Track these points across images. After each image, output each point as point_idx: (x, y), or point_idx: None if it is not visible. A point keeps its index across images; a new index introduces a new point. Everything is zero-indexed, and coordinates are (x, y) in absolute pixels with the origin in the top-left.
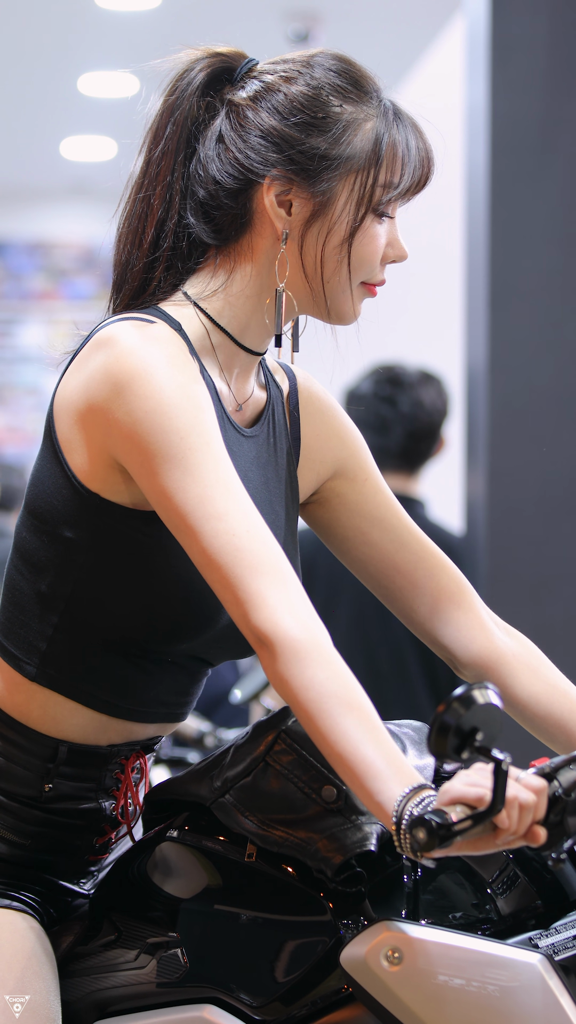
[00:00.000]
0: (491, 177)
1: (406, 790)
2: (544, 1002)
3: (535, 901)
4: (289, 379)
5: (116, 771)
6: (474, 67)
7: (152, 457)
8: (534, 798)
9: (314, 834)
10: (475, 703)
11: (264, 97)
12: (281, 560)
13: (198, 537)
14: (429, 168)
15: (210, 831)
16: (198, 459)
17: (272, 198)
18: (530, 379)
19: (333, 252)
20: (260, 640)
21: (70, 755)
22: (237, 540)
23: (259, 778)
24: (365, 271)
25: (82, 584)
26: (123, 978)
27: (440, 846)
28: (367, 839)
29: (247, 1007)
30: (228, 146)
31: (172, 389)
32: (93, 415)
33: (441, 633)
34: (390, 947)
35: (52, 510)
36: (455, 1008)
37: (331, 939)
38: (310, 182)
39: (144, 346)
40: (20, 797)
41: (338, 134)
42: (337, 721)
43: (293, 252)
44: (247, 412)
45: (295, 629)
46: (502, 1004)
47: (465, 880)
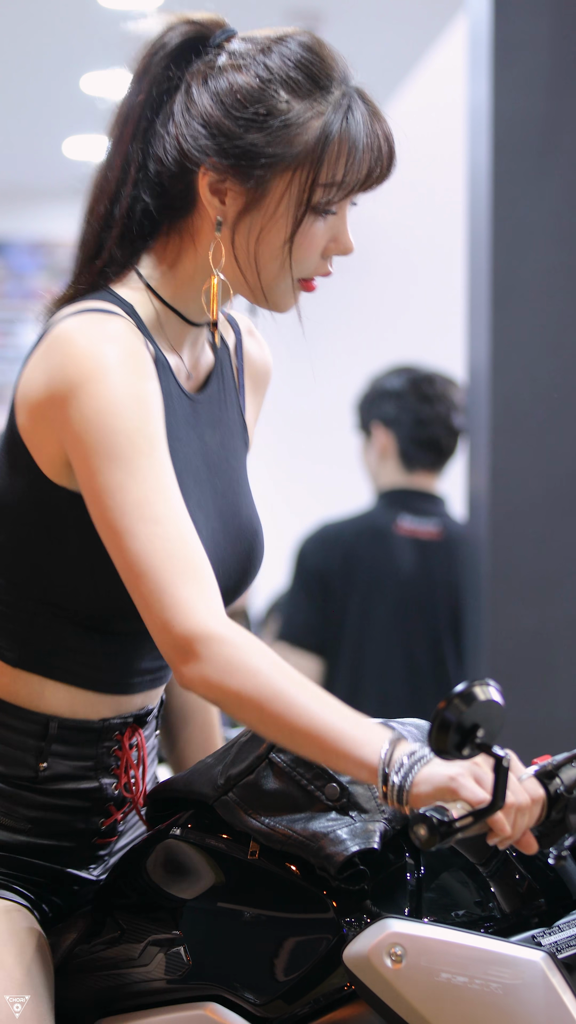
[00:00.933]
0: (493, 177)
1: (386, 744)
2: (547, 1000)
3: (538, 899)
4: (234, 332)
5: (114, 748)
6: (476, 66)
7: (96, 455)
8: (528, 802)
9: (317, 832)
10: (476, 699)
11: (213, 78)
12: (205, 567)
13: (131, 539)
14: (387, 163)
15: (213, 829)
16: (142, 463)
17: (206, 185)
18: (532, 378)
19: (267, 249)
20: (187, 644)
21: (61, 731)
22: (170, 545)
23: (262, 776)
24: (300, 268)
25: (50, 572)
26: (126, 976)
27: (441, 842)
28: (371, 837)
29: (250, 1005)
30: (175, 127)
31: (122, 391)
32: (49, 410)
33: None
34: (393, 945)
35: (15, 500)
36: (458, 1006)
37: (334, 937)
38: (243, 176)
39: (99, 346)
40: (15, 780)
41: (277, 131)
42: (295, 699)
43: (227, 240)
44: (199, 375)
45: (223, 627)
46: (505, 1002)
47: (468, 878)
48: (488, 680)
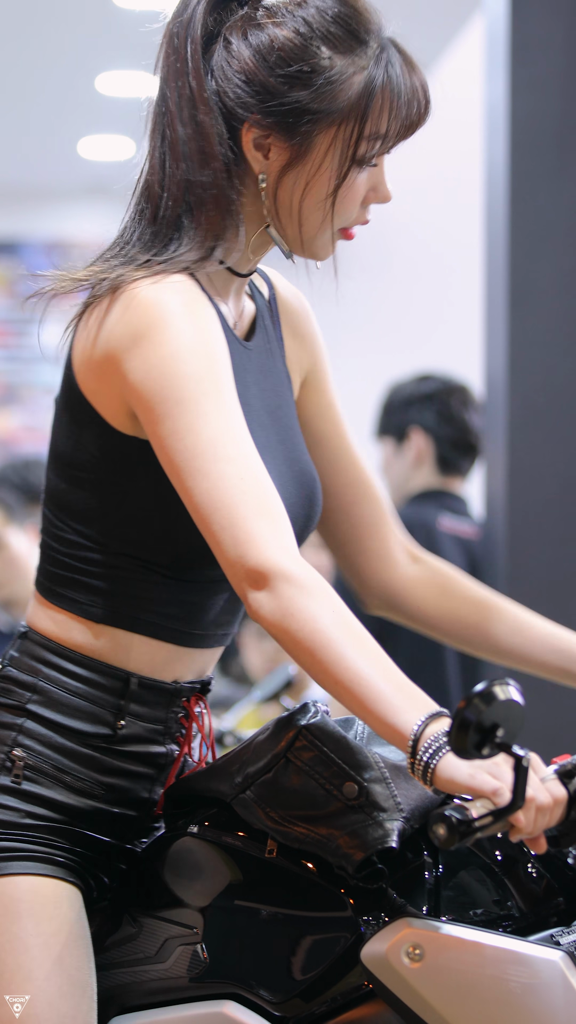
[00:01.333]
0: (510, 176)
1: (423, 716)
2: (566, 999)
3: (556, 898)
4: (268, 285)
5: (180, 715)
6: (493, 66)
7: (164, 401)
8: (550, 802)
9: (335, 830)
10: (496, 699)
11: (253, 33)
12: (280, 507)
13: (203, 478)
14: (424, 110)
15: (230, 827)
16: (211, 405)
17: (250, 140)
18: (550, 379)
19: (310, 202)
20: (257, 578)
21: (140, 688)
22: (244, 484)
23: (280, 774)
24: (342, 218)
25: (128, 522)
26: (144, 973)
27: (461, 841)
28: (388, 836)
29: (267, 1003)
30: (217, 81)
31: (188, 337)
32: (112, 364)
33: (353, 560)
34: (411, 944)
35: (88, 457)
36: (476, 1005)
37: (352, 935)
38: (288, 133)
39: (161, 295)
40: (93, 741)
41: (322, 87)
42: (345, 651)
43: (270, 194)
44: (244, 324)
45: (296, 566)
46: (523, 1001)
47: (486, 877)
48: (508, 679)
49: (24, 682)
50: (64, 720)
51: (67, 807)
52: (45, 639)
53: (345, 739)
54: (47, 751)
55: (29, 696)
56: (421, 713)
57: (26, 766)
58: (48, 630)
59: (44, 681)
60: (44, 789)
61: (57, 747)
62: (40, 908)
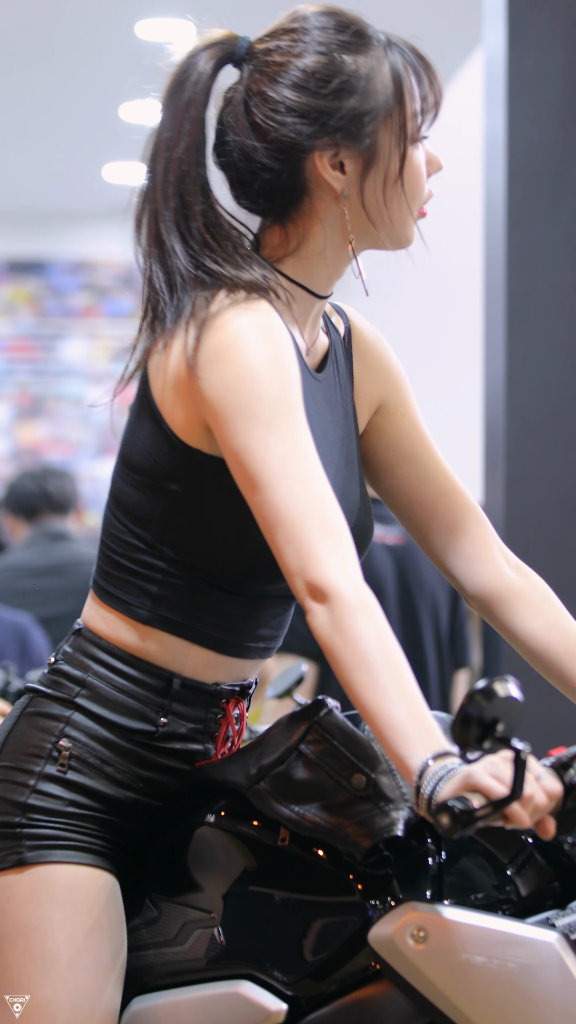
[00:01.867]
0: (508, 202)
1: (431, 754)
2: (562, 979)
3: (552, 882)
4: (343, 320)
5: (219, 715)
6: (492, 98)
7: (239, 418)
8: (545, 800)
9: (344, 820)
10: (496, 696)
11: (282, 75)
12: (344, 526)
13: (272, 492)
14: (438, 81)
15: (246, 816)
16: (284, 424)
17: (325, 164)
18: (545, 392)
19: (392, 191)
20: (316, 593)
21: (182, 689)
22: (311, 502)
23: (292, 766)
24: (419, 195)
25: (186, 531)
26: (163, 955)
27: (463, 830)
28: (394, 825)
29: (280, 983)
30: (267, 133)
31: (264, 359)
32: (189, 381)
33: (452, 564)
34: (416, 926)
35: (155, 466)
36: (477, 984)
37: (360, 919)
38: (356, 141)
39: (237, 315)
40: (136, 737)
41: (365, 88)
42: (378, 677)
43: (355, 204)
44: (316, 355)
45: (350, 587)
46: (521, 981)
47: (486, 863)
48: (507, 677)
49: (74, 677)
50: (109, 715)
51: (107, 797)
52: (96, 637)
53: (354, 734)
54: (92, 743)
55: (78, 690)
56: (430, 750)
57: (71, 756)
58: (99, 628)
59: (93, 677)
60: (87, 779)
61: (101, 740)
62: (77, 896)
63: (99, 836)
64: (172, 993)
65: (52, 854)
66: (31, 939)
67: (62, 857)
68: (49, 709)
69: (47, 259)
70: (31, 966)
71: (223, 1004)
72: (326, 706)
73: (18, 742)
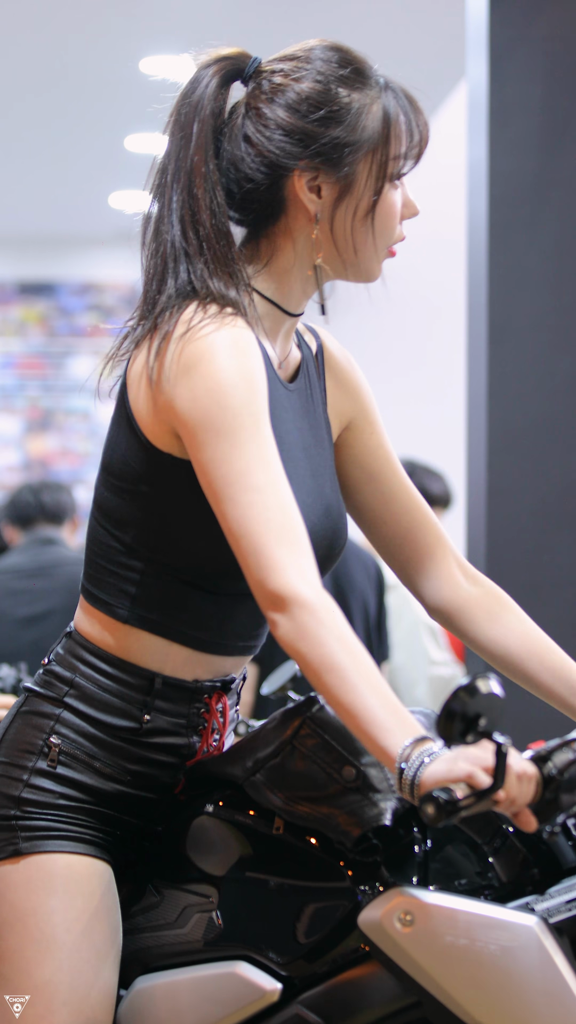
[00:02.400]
0: (490, 226)
1: (409, 740)
2: (540, 960)
3: (532, 869)
4: (315, 339)
5: (202, 710)
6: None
7: (206, 430)
8: (528, 788)
9: (335, 810)
10: (479, 692)
11: (279, 97)
12: (304, 535)
13: (234, 505)
14: (426, 130)
15: (242, 807)
16: (246, 436)
17: (303, 185)
18: (525, 406)
19: (360, 224)
20: (276, 601)
21: (164, 687)
22: (268, 513)
23: (286, 759)
24: (388, 235)
25: (161, 532)
26: (165, 937)
27: (447, 819)
28: (383, 814)
29: (275, 964)
30: (256, 145)
31: (231, 371)
32: (160, 388)
33: (414, 579)
34: (403, 911)
35: (129, 470)
36: (461, 965)
37: (350, 903)
38: (335, 168)
39: (209, 328)
40: (122, 733)
41: (352, 121)
42: (347, 675)
43: (325, 230)
44: (288, 368)
45: (310, 593)
46: (502, 962)
47: (469, 851)
48: (489, 674)
49: (64, 677)
50: (96, 714)
51: (96, 790)
52: (84, 639)
53: (344, 728)
54: (80, 739)
55: (67, 690)
56: (408, 736)
57: (61, 752)
58: (86, 631)
59: (80, 678)
60: (76, 773)
61: (89, 736)
62: (73, 884)
63: (91, 826)
64: (173, 973)
65: (46, 844)
66: (28, 924)
67: (56, 847)
68: (41, 708)
69: (56, 281)
70: (29, 949)
71: (221, 983)
72: (318, 702)
73: (13, 739)
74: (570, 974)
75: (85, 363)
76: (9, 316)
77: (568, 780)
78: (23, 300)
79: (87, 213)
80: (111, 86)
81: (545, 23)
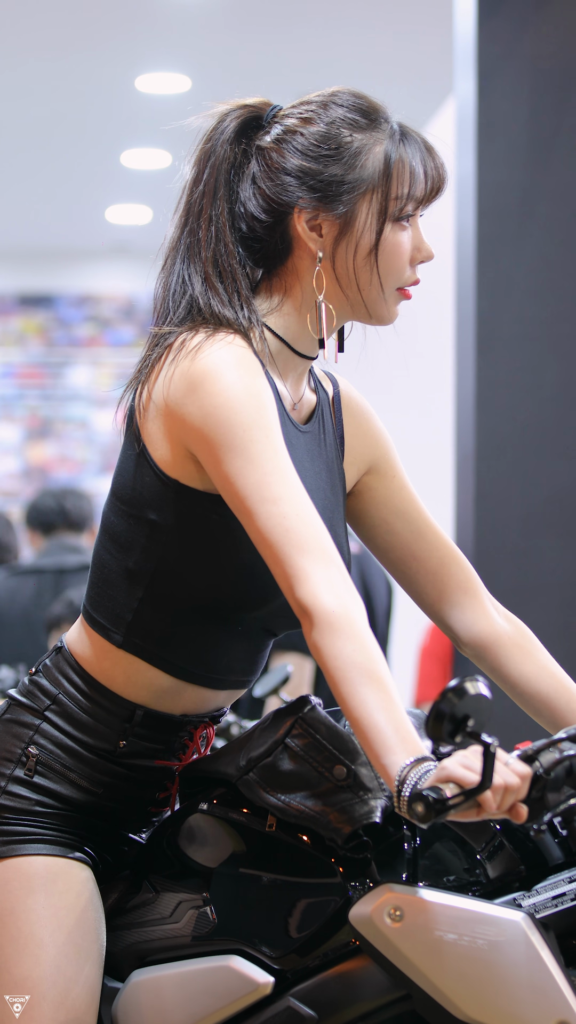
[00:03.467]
0: (478, 239)
1: (409, 760)
2: (527, 954)
3: (519, 866)
4: (333, 385)
5: (185, 737)
6: (463, 142)
7: (219, 447)
8: (518, 782)
9: (327, 808)
10: (467, 693)
11: (287, 139)
12: (326, 541)
13: (254, 518)
14: (439, 177)
15: (236, 805)
16: (258, 449)
17: (303, 224)
18: (513, 415)
19: (363, 263)
20: (302, 611)
21: (145, 719)
22: (287, 522)
23: (279, 758)
24: (395, 276)
25: (164, 560)
26: (160, 932)
27: (436, 817)
28: (373, 812)
29: (267, 958)
30: (260, 186)
31: (239, 387)
32: (170, 411)
33: (447, 615)
34: (392, 906)
35: (137, 496)
36: (449, 959)
37: (341, 899)
38: (332, 205)
39: (215, 348)
40: (98, 750)
41: (351, 160)
42: (357, 689)
43: (327, 269)
44: (302, 411)
45: (332, 604)
46: (490, 956)
47: (458, 848)
48: (478, 676)
49: (47, 691)
50: (73, 731)
51: (71, 800)
52: (72, 659)
53: (336, 728)
54: (57, 751)
55: (48, 704)
56: (409, 756)
57: (38, 762)
58: (76, 650)
59: (63, 695)
60: (51, 783)
61: (66, 749)
62: (51, 883)
63: (68, 831)
64: (168, 967)
65: (24, 848)
66: (7, 923)
67: (34, 850)
68: (22, 717)
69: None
70: (8, 947)
71: (215, 977)
72: (310, 703)
73: None
74: (556, 968)
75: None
76: (9, 327)
77: (554, 779)
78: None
79: (85, 227)
80: (108, 103)
81: (532, 40)
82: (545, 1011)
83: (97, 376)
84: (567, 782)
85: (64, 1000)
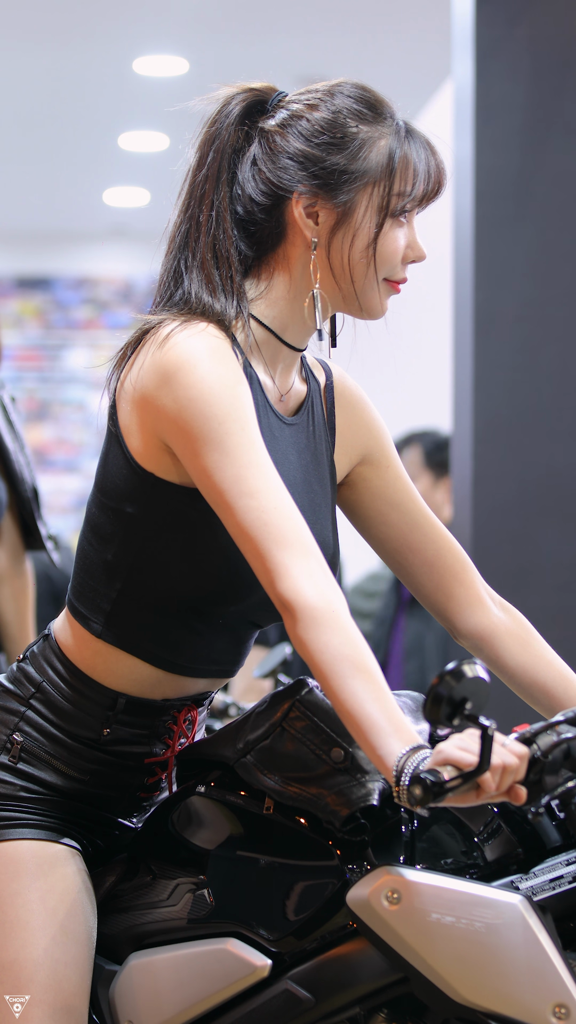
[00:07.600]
0: (476, 221)
1: (406, 748)
2: (524, 937)
3: (516, 849)
4: (326, 374)
5: (169, 721)
6: (461, 125)
7: (194, 440)
8: (516, 762)
9: (324, 790)
10: (465, 676)
11: (291, 124)
12: (305, 535)
13: (232, 512)
14: (440, 178)
15: (233, 787)
16: (234, 442)
17: (300, 210)
18: (509, 396)
19: (358, 255)
20: (283, 606)
21: (127, 706)
22: (266, 516)
23: (276, 741)
24: (387, 269)
25: (142, 553)
26: (157, 915)
27: (434, 800)
28: (370, 794)
29: (265, 940)
30: (261, 168)
31: (212, 378)
32: (145, 403)
33: (444, 605)
34: (390, 889)
35: (116, 488)
36: (446, 942)
37: (338, 882)
38: (332, 194)
39: (189, 339)
40: (81, 738)
41: (355, 151)
42: (346, 682)
43: (322, 257)
44: (290, 403)
45: (314, 597)
46: (487, 939)
47: (455, 830)
48: (475, 659)
49: (32, 679)
50: (57, 719)
51: (56, 787)
52: (57, 647)
53: (333, 711)
54: (41, 738)
55: (33, 692)
56: (404, 745)
57: (23, 749)
58: (60, 639)
59: (47, 683)
60: (36, 770)
61: (50, 736)
62: (38, 867)
63: (55, 816)
64: (165, 949)
65: (10, 832)
66: (5, 909)
67: (19, 835)
68: (8, 704)
69: (52, 276)
70: (9, 934)
71: (212, 959)
72: (307, 685)
73: None
74: (553, 951)
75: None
76: (7, 310)
77: (552, 762)
78: (20, 294)
79: (82, 209)
80: (105, 86)
81: (529, 24)
82: (543, 993)
83: (94, 358)
84: (565, 765)
85: (54, 983)
